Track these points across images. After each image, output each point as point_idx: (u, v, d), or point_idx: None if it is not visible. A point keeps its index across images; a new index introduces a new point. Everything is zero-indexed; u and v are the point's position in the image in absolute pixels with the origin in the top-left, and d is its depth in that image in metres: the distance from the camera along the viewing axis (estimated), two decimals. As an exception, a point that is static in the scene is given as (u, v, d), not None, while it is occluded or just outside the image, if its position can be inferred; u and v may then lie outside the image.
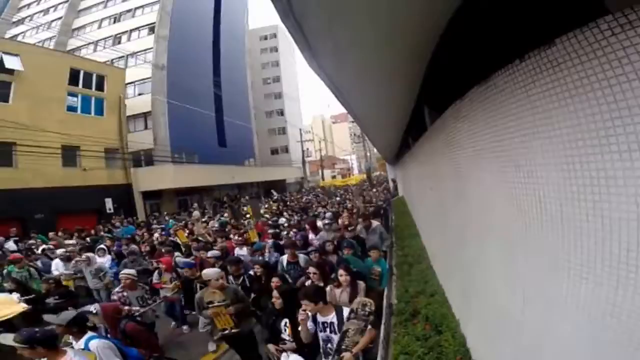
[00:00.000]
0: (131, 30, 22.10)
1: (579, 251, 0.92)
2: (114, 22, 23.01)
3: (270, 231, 7.22)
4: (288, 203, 17.21)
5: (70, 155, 14.81)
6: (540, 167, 1.06)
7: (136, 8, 22.54)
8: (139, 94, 20.28)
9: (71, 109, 15.54)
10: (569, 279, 0.96)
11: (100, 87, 17.00)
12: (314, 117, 75.19)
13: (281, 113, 38.15)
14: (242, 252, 5.71)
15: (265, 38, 40.53)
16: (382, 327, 2.96)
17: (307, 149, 34.86)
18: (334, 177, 43.80)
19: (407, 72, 2.31)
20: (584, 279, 0.91)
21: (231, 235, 7.37)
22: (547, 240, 1.06)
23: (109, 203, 15.86)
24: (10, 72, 13.43)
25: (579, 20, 0.86)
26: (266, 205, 15.91)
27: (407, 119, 4.48)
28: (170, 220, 12.96)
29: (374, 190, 19.04)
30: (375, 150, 41.27)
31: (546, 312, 1.13)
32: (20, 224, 12.02)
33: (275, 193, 24.65)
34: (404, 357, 2.36)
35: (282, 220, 9.67)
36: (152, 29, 21.38)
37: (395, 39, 1.72)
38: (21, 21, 23.95)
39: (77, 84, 15.93)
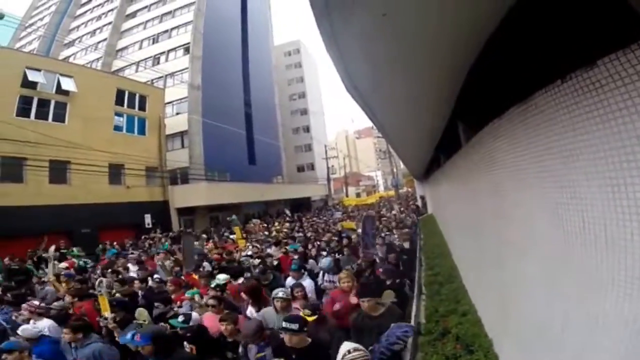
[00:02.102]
0: (168, 51, 23.57)
1: (623, 269, 0.94)
2: (153, 42, 24.67)
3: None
4: (304, 224, 15.45)
5: (115, 173, 15.93)
6: (584, 189, 1.09)
7: (172, 29, 24.09)
8: (177, 113, 21.53)
9: (117, 128, 16.71)
10: (613, 296, 0.98)
11: (142, 106, 18.18)
12: (338, 132, 75.67)
13: (307, 130, 38.79)
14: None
15: (289, 54, 41.53)
16: (409, 346, 2.89)
17: (332, 165, 34.99)
18: (358, 194, 43.38)
19: (443, 88, 2.34)
20: (628, 295, 0.93)
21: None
22: (591, 259, 1.08)
23: (147, 218, 16.83)
24: (66, 93, 14.58)
25: (621, 41, 0.88)
26: (277, 226, 15.05)
27: (440, 135, 4.47)
28: (166, 243, 12.09)
29: (394, 212, 16.48)
30: (402, 166, 40.59)
31: (588, 329, 1.13)
32: (67, 237, 12.99)
33: (288, 212, 23.26)
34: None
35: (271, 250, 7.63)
36: (187, 49, 22.73)
37: (434, 56, 1.77)
38: (72, 43, 26.01)
39: (122, 104, 17.10)
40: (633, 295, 0.91)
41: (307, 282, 4.29)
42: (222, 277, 4.48)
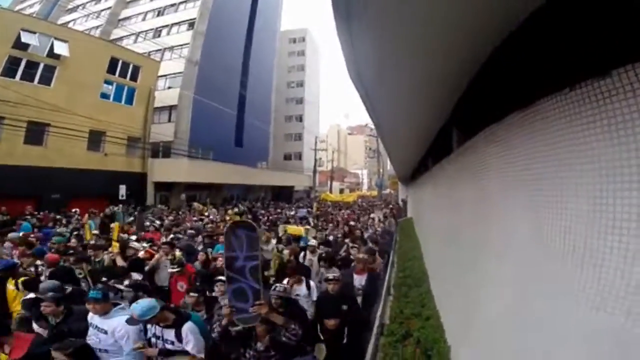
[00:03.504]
0: (172, 25, 23.16)
1: (597, 282, 0.94)
2: (158, 15, 24.18)
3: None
4: (258, 216, 13.92)
5: (95, 139, 15.57)
6: (571, 199, 1.08)
7: (180, 2, 23.62)
8: (169, 87, 21.04)
9: (104, 96, 16.43)
10: (580, 308, 0.98)
11: (134, 77, 17.88)
12: (331, 126, 75.44)
13: (300, 119, 38.49)
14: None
15: (294, 41, 40.80)
16: (370, 347, 2.92)
17: (320, 158, 34.95)
18: (342, 190, 43.61)
19: (444, 90, 2.33)
20: (595, 308, 0.93)
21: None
22: (566, 269, 1.08)
23: (122, 189, 16.35)
24: (57, 57, 14.31)
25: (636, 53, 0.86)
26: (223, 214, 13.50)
27: (432, 139, 4.49)
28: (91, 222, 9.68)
29: (374, 217, 14.17)
30: (388, 167, 41.09)
31: (550, 341, 1.14)
32: (35, 202, 12.53)
33: (241, 203, 20.71)
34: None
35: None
36: (191, 24, 22.29)
37: (441, 56, 1.75)
38: (74, 9, 25.30)
39: (114, 73, 16.86)
40: (600, 310, 0.91)
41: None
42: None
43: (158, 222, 10.50)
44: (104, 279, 4.10)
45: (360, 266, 4.46)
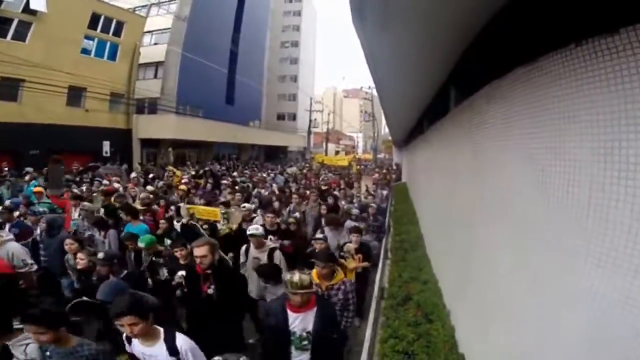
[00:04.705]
0: None
1: (601, 238, 0.92)
2: None
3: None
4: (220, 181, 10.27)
5: (76, 95, 14.91)
6: (575, 151, 1.05)
7: None
8: (155, 43, 19.88)
9: (85, 51, 15.64)
10: (585, 267, 0.97)
11: (117, 33, 16.92)
12: (327, 88, 73.29)
13: (294, 79, 37.28)
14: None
15: (290, 0, 38.72)
16: (372, 310, 3.01)
17: (315, 119, 34.24)
18: (337, 152, 43.43)
19: (447, 45, 2.23)
20: (601, 267, 0.92)
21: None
22: (569, 225, 1.06)
23: (106, 146, 15.93)
24: (33, 12, 13.36)
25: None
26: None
27: (430, 98, 4.38)
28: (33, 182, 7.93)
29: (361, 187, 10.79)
30: (383, 132, 40.61)
31: (553, 300, 1.14)
32: (12, 158, 12.09)
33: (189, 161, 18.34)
34: (393, 340, 2.38)
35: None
36: None
37: (448, 9, 1.68)
38: None
39: (95, 28, 15.96)
40: (606, 268, 0.90)
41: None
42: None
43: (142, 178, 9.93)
44: None
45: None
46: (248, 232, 3.54)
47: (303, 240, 4.71)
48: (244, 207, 5.81)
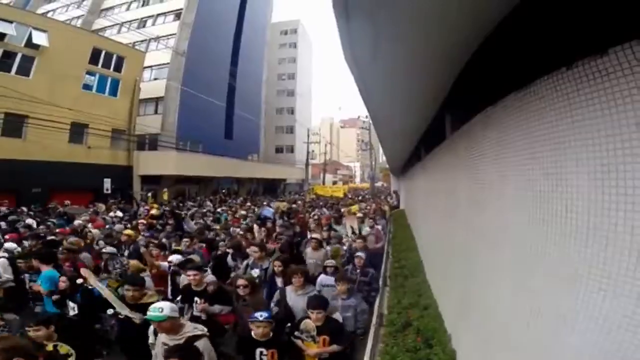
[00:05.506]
0: (157, 15, 22.36)
1: (602, 262, 0.91)
2: (142, 5, 23.33)
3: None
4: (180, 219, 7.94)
5: (78, 132, 15.01)
6: (572, 176, 1.05)
7: None
8: (155, 79, 20.42)
9: (87, 87, 15.86)
10: (586, 291, 0.95)
11: (118, 68, 17.27)
12: (323, 119, 75.29)
13: (292, 112, 38.07)
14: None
15: (286, 33, 40.08)
16: (370, 337, 2.88)
17: (312, 151, 34.76)
18: (335, 182, 43.64)
19: (438, 73, 2.29)
20: (603, 290, 0.89)
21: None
22: (569, 250, 1.05)
23: (107, 183, 15.87)
24: (36, 47, 13.77)
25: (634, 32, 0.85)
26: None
27: (425, 126, 4.47)
28: None
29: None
30: (380, 160, 41.20)
31: (555, 325, 1.10)
32: (14, 196, 12.02)
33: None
34: (391, 367, 2.28)
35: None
36: (178, 15, 21.60)
37: (436, 39, 1.72)
38: None
39: (97, 64, 16.28)
40: (608, 291, 0.87)
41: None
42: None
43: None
44: None
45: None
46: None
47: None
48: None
